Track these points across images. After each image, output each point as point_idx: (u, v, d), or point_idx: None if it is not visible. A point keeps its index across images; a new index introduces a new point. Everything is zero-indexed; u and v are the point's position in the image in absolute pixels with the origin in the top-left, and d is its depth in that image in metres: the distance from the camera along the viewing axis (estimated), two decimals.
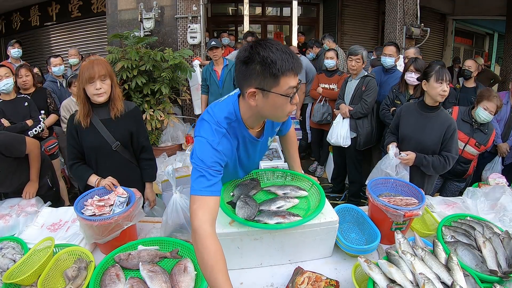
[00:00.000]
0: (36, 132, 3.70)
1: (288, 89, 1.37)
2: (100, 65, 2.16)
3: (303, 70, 5.38)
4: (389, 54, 4.23)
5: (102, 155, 2.31)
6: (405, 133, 2.79)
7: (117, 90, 2.29)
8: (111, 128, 2.28)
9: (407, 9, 6.72)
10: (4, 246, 1.80)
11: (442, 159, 2.61)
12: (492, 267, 1.55)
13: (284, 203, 1.78)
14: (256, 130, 1.69)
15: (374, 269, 1.41)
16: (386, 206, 1.80)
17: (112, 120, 2.28)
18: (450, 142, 2.61)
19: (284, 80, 1.35)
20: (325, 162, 5.66)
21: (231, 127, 1.57)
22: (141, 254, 1.67)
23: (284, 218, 1.64)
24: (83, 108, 2.20)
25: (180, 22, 6.26)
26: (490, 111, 3.07)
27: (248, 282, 1.68)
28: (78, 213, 1.78)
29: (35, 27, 8.93)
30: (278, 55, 1.32)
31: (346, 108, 4.11)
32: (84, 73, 2.12)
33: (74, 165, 2.30)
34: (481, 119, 3.11)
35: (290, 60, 1.34)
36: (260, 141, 1.72)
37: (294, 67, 1.36)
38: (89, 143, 2.25)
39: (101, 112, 2.27)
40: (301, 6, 10.76)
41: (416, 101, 2.90)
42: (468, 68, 4.46)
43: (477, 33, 11.79)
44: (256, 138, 1.69)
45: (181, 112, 6.31)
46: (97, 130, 2.24)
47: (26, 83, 3.99)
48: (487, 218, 2.00)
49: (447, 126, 2.62)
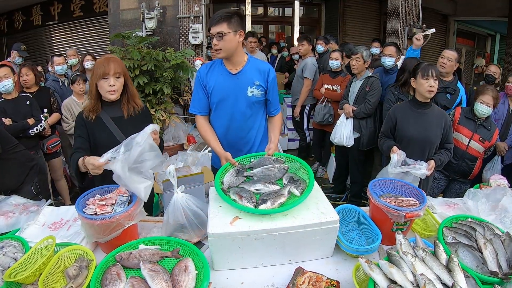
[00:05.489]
0: (38, 131, 3.71)
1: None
2: (116, 62, 2.16)
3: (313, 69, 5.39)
4: (389, 54, 4.23)
5: None
6: (410, 134, 2.82)
7: (132, 89, 2.30)
8: (123, 126, 2.25)
9: (409, 10, 6.71)
10: (5, 245, 1.80)
11: (448, 152, 2.80)
12: (493, 268, 1.55)
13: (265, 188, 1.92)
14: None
15: (375, 270, 1.41)
16: (387, 206, 1.80)
17: (124, 119, 2.27)
18: (450, 134, 2.82)
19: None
20: (326, 163, 5.66)
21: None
22: (142, 253, 1.67)
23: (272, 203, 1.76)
24: (92, 103, 2.19)
25: (182, 22, 6.27)
26: (487, 103, 3.12)
27: (249, 282, 1.68)
28: (79, 212, 1.78)
29: (37, 27, 8.96)
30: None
31: (349, 108, 4.11)
32: (99, 68, 2.11)
33: (73, 154, 2.16)
34: (481, 113, 3.15)
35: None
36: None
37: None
38: (100, 141, 2.22)
39: (111, 110, 2.25)
40: (303, 6, 10.77)
41: (406, 101, 2.95)
42: (493, 74, 4.47)
43: (479, 34, 11.78)
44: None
45: (183, 112, 6.32)
46: (108, 128, 2.23)
47: (27, 82, 4.00)
48: (488, 219, 2.00)
49: (445, 119, 2.80)
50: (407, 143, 2.82)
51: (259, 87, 2.39)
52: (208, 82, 2.43)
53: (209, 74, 2.44)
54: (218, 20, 2.19)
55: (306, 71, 5.38)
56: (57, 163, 4.31)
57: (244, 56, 2.42)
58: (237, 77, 2.38)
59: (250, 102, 2.41)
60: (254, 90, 2.38)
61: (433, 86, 2.68)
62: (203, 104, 2.49)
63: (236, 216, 1.74)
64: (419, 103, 2.80)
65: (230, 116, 2.45)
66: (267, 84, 2.42)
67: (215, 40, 2.24)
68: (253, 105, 2.43)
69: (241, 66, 2.38)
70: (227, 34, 2.21)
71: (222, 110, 2.46)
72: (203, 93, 2.47)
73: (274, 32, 11.69)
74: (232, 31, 2.22)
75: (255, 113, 2.49)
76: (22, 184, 2.77)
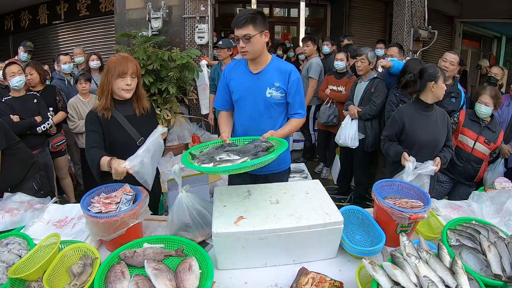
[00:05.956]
0: (45, 129, 3.73)
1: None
2: (133, 62, 2.16)
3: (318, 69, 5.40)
4: (392, 55, 4.24)
5: (125, 151, 2.19)
6: (421, 139, 2.81)
7: (142, 90, 2.32)
8: (136, 124, 2.27)
9: (414, 11, 6.69)
10: (10, 242, 1.82)
11: (450, 149, 2.87)
12: (497, 272, 1.54)
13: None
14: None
15: (378, 271, 1.41)
16: (392, 208, 1.80)
17: (136, 117, 2.29)
18: (450, 131, 2.88)
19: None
20: (331, 164, 5.66)
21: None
22: (146, 252, 1.68)
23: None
24: (106, 101, 2.18)
25: (187, 22, 6.27)
26: (485, 103, 3.11)
27: (252, 281, 1.68)
28: (84, 210, 1.80)
29: (44, 26, 8.98)
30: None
31: (355, 109, 4.11)
32: (117, 67, 2.10)
33: (91, 149, 2.13)
34: (481, 113, 3.15)
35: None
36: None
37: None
38: (114, 138, 2.23)
39: (123, 108, 2.26)
40: (309, 7, 10.74)
41: (410, 104, 2.94)
42: (494, 76, 4.43)
43: (484, 36, 11.69)
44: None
45: (188, 111, 6.32)
46: (122, 126, 2.23)
47: (31, 82, 4.03)
48: (492, 222, 1.99)
49: (446, 117, 2.86)
50: (418, 148, 2.80)
51: (279, 89, 2.34)
52: (230, 79, 2.46)
53: (233, 72, 2.47)
54: (244, 22, 2.16)
55: (311, 71, 5.39)
56: (62, 161, 4.33)
57: (268, 56, 2.39)
58: (257, 77, 2.36)
59: (268, 103, 2.36)
60: (273, 92, 2.34)
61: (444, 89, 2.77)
62: (225, 101, 2.54)
63: (240, 216, 1.75)
64: (425, 105, 2.79)
65: (249, 116, 2.42)
66: (288, 85, 2.35)
67: (242, 43, 2.21)
68: (271, 106, 2.38)
69: (263, 66, 2.36)
70: (254, 36, 2.19)
71: (242, 109, 2.46)
72: (225, 90, 2.51)
73: (280, 32, 11.67)
74: (258, 33, 2.20)
75: (275, 115, 2.42)
76: (23, 179, 2.81)
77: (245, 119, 2.45)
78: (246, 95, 2.40)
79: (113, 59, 2.16)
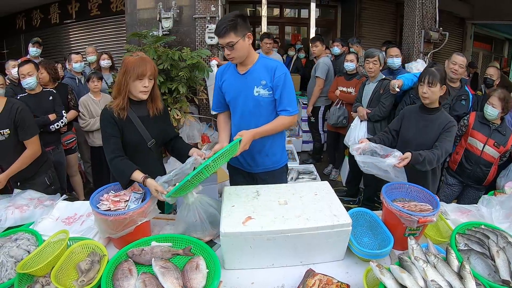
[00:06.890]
0: (58, 127, 3.77)
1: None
2: (151, 64, 2.15)
3: (325, 68, 5.40)
4: (396, 55, 4.25)
5: (137, 152, 2.27)
6: (407, 137, 2.79)
7: (157, 91, 2.31)
8: (149, 125, 2.27)
9: (425, 13, 6.63)
10: (19, 237, 1.84)
11: (434, 149, 2.54)
12: (505, 277, 1.52)
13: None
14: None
15: (385, 274, 1.40)
16: (400, 211, 1.79)
17: (150, 118, 2.28)
18: (444, 135, 2.62)
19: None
20: (340, 166, 5.63)
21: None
22: (154, 250, 1.70)
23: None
24: (123, 101, 2.16)
25: (198, 22, 6.29)
26: (492, 105, 3.09)
27: (259, 282, 1.69)
28: (93, 207, 1.81)
29: (55, 25, 9.09)
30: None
31: (364, 110, 4.09)
32: (136, 68, 2.08)
33: (116, 158, 2.09)
34: (488, 115, 3.13)
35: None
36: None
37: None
38: (127, 139, 2.22)
39: (138, 109, 2.25)
40: (319, 8, 10.70)
41: (418, 104, 2.91)
42: (490, 77, 4.37)
43: (496, 38, 11.58)
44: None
45: (198, 111, 6.34)
46: (135, 126, 2.23)
47: (40, 80, 4.05)
48: (501, 227, 1.96)
49: (446, 123, 2.65)
50: (403, 145, 2.74)
51: (265, 87, 2.37)
52: (222, 82, 2.52)
53: (224, 74, 2.53)
54: (224, 31, 2.19)
55: (318, 71, 5.40)
56: (72, 159, 4.37)
57: (255, 56, 2.41)
58: (244, 77, 2.41)
59: (257, 102, 2.40)
60: (261, 90, 2.37)
61: (425, 93, 2.65)
62: (219, 103, 2.63)
63: (248, 216, 1.75)
64: (426, 108, 2.76)
65: (240, 115, 2.49)
66: (273, 81, 2.36)
67: (227, 50, 2.27)
68: (261, 105, 2.41)
69: (250, 66, 2.40)
70: (237, 43, 2.22)
71: (234, 110, 2.53)
72: (218, 92, 2.59)
73: (290, 33, 11.66)
74: (241, 38, 2.23)
75: (266, 113, 2.43)
76: (36, 174, 2.84)
77: (237, 118, 2.52)
78: (236, 96, 2.46)
79: (131, 59, 2.13)
